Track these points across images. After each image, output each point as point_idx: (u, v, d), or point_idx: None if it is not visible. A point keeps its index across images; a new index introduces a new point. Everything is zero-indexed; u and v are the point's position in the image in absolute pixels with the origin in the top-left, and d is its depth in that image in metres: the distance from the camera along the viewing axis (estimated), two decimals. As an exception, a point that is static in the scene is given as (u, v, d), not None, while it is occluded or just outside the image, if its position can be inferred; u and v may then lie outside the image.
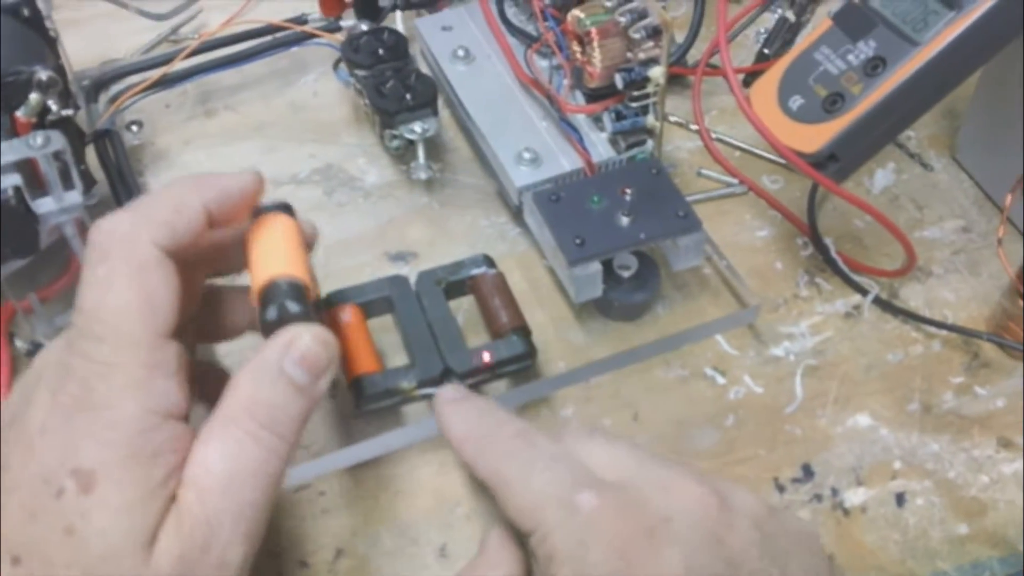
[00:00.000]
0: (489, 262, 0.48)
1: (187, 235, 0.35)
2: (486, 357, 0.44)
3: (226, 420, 0.33)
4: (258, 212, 0.38)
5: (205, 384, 0.38)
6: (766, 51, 0.62)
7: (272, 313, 0.35)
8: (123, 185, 0.52)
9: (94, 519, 0.31)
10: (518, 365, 0.45)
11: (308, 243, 0.40)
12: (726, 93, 0.56)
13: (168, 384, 0.33)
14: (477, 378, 0.44)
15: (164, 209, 0.34)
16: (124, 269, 0.33)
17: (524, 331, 0.46)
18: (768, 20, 0.65)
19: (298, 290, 0.35)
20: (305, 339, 0.34)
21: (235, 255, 0.39)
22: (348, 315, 0.45)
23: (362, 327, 0.45)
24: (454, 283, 0.47)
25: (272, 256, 0.36)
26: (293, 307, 0.35)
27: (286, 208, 0.38)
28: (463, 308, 0.49)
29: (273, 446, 0.33)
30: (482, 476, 0.36)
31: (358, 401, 0.43)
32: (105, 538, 0.30)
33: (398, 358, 0.47)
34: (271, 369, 0.33)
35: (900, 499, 0.43)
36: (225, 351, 0.45)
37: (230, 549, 0.32)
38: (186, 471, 0.32)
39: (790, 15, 0.64)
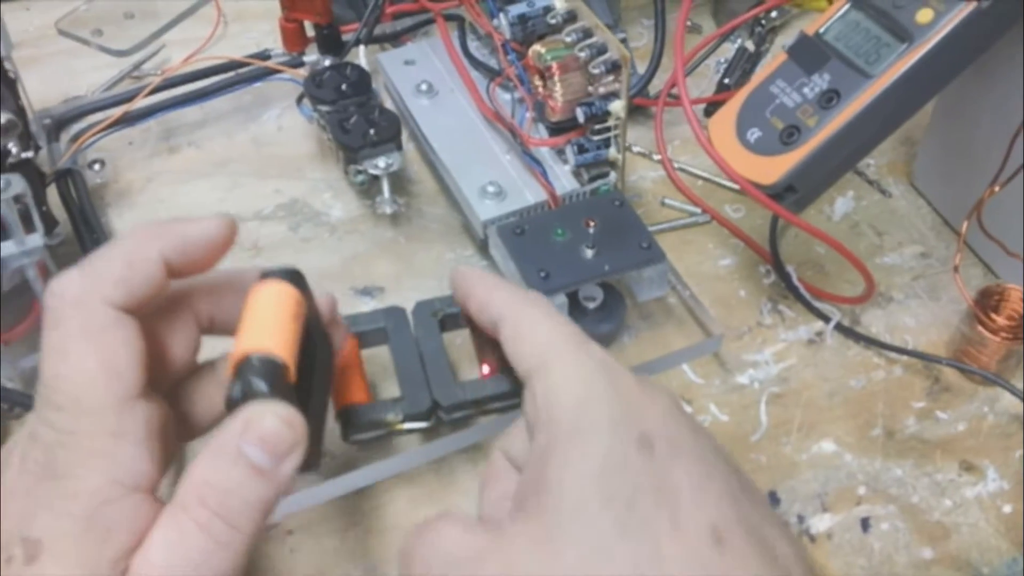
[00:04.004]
0: None
1: (144, 291, 0.33)
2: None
3: (176, 506, 0.30)
4: (263, 276, 0.35)
5: None
6: (726, 81, 0.63)
7: (236, 390, 0.32)
8: (86, 225, 0.52)
9: None
10: (504, 403, 0.44)
11: (327, 314, 0.38)
12: (688, 123, 0.57)
13: (136, 451, 0.31)
14: (462, 412, 0.44)
15: (116, 265, 0.32)
16: (78, 334, 0.31)
17: (511, 370, 0.45)
18: (728, 50, 0.66)
19: (271, 367, 0.33)
20: (267, 419, 0.31)
21: (234, 306, 0.36)
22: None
23: (355, 356, 0.45)
24: (450, 315, 0.47)
25: (255, 328, 0.34)
26: (259, 385, 0.32)
27: (293, 275, 0.36)
28: (456, 343, 0.48)
29: (224, 537, 0.30)
30: (491, 317, 0.37)
31: (345, 431, 0.43)
32: None
33: (389, 389, 0.47)
34: (227, 450, 0.31)
35: (865, 524, 0.44)
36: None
37: None
38: (133, 559, 0.30)
39: (749, 45, 0.65)
